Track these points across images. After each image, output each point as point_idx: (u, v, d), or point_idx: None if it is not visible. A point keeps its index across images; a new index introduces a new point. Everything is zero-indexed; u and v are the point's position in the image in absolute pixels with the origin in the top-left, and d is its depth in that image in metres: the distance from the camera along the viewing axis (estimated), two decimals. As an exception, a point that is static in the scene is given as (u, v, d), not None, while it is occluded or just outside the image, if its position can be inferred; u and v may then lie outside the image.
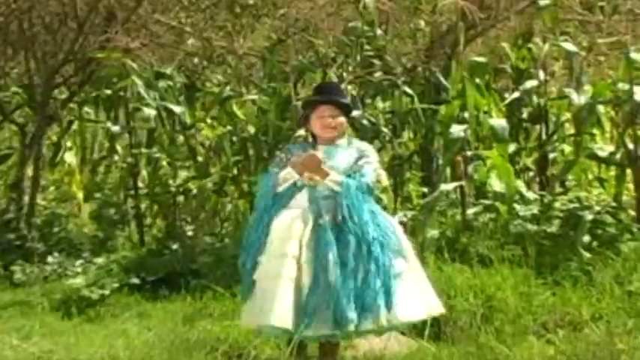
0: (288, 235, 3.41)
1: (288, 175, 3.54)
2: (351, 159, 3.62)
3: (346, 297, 3.32)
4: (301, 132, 5.17)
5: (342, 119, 3.67)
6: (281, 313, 3.27)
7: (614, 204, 5.55)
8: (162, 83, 7.18)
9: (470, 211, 5.76)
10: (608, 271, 4.66)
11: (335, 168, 3.56)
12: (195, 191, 6.90)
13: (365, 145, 3.76)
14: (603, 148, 5.86)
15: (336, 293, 3.31)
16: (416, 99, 6.63)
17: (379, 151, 7.15)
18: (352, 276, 3.38)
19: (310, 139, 3.75)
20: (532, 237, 5.19)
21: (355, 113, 6.32)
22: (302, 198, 3.54)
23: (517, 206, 5.58)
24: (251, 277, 3.47)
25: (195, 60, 7.97)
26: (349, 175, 3.56)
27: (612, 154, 5.71)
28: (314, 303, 3.32)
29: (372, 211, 3.54)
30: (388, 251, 3.48)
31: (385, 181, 5.70)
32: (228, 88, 7.14)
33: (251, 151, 6.78)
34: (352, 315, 3.32)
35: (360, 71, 6.56)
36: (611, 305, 4.30)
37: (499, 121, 5.75)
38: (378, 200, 5.44)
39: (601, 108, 5.98)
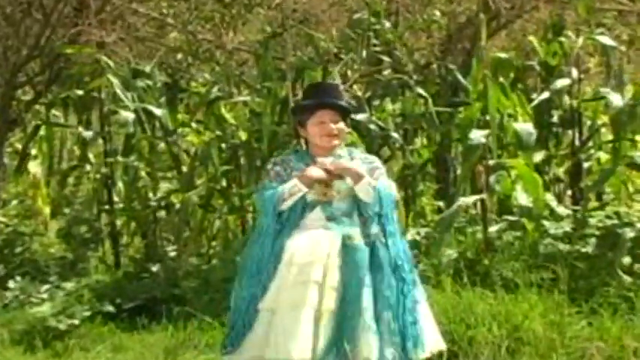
0: (311, 259, 3.41)
1: (294, 189, 3.55)
2: (358, 167, 3.65)
3: (378, 332, 3.35)
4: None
5: (343, 125, 3.70)
6: (303, 346, 3.27)
7: (658, 220, 5.59)
8: (141, 82, 7.20)
9: (492, 229, 5.77)
10: (652, 298, 4.71)
11: (338, 184, 3.58)
12: (178, 206, 6.90)
13: (369, 156, 3.81)
14: (645, 155, 6.02)
15: (366, 325, 3.34)
16: (430, 101, 6.67)
17: (388, 159, 7.22)
18: (387, 306, 3.42)
19: (304, 148, 3.77)
20: (564, 258, 5.21)
21: (361, 117, 6.43)
22: (316, 216, 3.56)
23: (546, 223, 5.59)
24: (250, 307, 3.46)
25: (179, 56, 8.02)
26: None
27: (656, 162, 5.84)
28: (339, 334, 3.34)
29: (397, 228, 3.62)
30: (411, 276, 3.54)
31: (395, 193, 5.70)
32: (216, 88, 7.18)
33: (242, 160, 6.80)
34: (384, 351, 3.35)
35: (366, 69, 6.65)
36: (657, 337, 4.35)
37: (525, 126, 5.76)
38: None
39: (643, 110, 6.07)
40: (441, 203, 6.77)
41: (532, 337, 4.29)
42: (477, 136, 5.66)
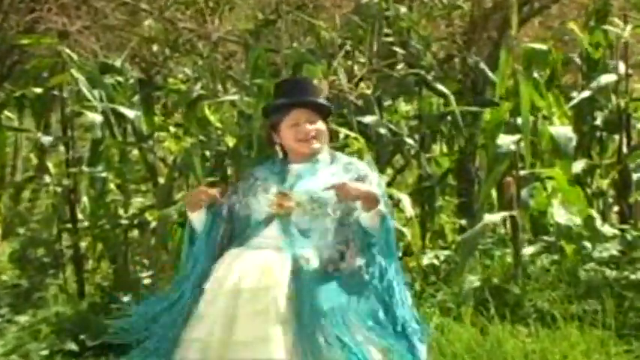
0: (258, 285, 3.43)
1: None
2: (334, 177, 3.68)
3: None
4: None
5: (323, 126, 3.76)
6: None
7: None
8: (110, 79, 7.19)
9: (525, 251, 5.81)
10: None
11: (318, 196, 3.61)
12: (154, 224, 6.89)
13: (356, 161, 3.83)
14: None
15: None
16: (452, 99, 6.67)
17: (402, 169, 7.28)
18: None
19: (280, 156, 3.83)
20: (610, 286, 5.23)
21: (370, 119, 6.41)
22: (271, 233, 3.59)
23: (588, 245, 5.65)
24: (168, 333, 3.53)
25: (155, 47, 7.95)
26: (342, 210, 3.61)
27: None
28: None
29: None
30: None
31: (409, 210, 5.76)
32: (198, 85, 7.21)
33: (230, 170, 6.84)
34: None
35: (376, 63, 6.64)
36: None
37: (563, 130, 5.79)
38: (401, 237, 5.61)
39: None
40: (463, 221, 6.80)
41: (573, 380, 4.35)
42: (506, 141, 5.70)
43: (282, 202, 3.60)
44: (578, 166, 6.20)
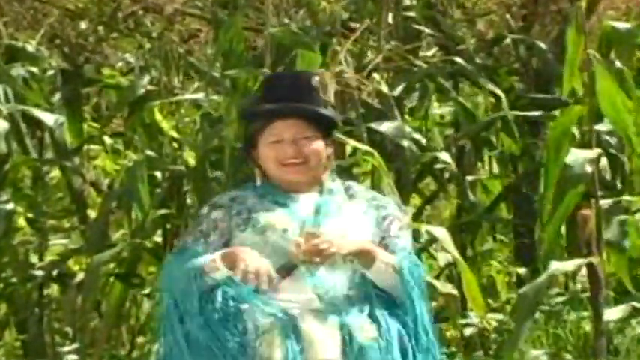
0: None
1: (211, 264, 3.64)
2: (366, 217, 3.75)
3: None
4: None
5: (319, 145, 3.76)
6: None
7: None
8: (20, 69, 7.21)
9: (609, 315, 5.75)
10: None
11: (348, 233, 3.68)
12: (81, 276, 6.83)
13: (378, 195, 3.91)
14: None
15: None
16: (503, 99, 6.65)
17: (433, 198, 7.31)
18: None
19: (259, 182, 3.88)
20: None
21: (387, 127, 6.39)
22: (296, 291, 3.63)
23: None
24: None
25: (83, 25, 7.92)
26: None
27: None
28: None
29: None
30: None
31: (452, 249, 5.75)
32: (145, 78, 7.19)
33: (189, 199, 6.86)
34: None
35: (395, 47, 6.62)
36: None
37: (663, 142, 5.77)
38: (433, 293, 5.60)
39: None
40: (521, 270, 6.81)
41: None
42: (580, 158, 5.70)
43: (312, 245, 3.58)
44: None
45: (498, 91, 6.64)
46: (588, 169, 5.65)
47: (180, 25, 7.43)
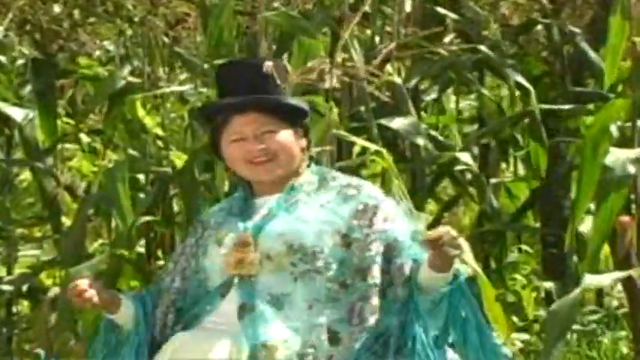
0: None
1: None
2: (327, 211, 3.76)
3: None
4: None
5: (286, 136, 3.81)
6: None
7: None
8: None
9: (652, 336, 5.83)
10: None
11: (301, 243, 3.71)
12: (53, 291, 6.79)
13: (362, 183, 3.90)
14: None
15: None
16: (531, 91, 6.65)
17: (451, 204, 7.42)
18: None
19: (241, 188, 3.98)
20: None
21: (400, 123, 6.42)
22: (227, 307, 3.71)
23: None
24: None
25: (56, 9, 7.89)
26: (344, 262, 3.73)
27: None
28: None
29: None
30: None
31: (472, 262, 5.66)
32: (126, 69, 7.26)
33: (176, 205, 6.97)
34: None
35: (411, 33, 6.61)
36: None
37: None
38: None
39: None
40: (550, 284, 6.79)
41: None
42: (620, 159, 5.59)
43: (242, 255, 3.67)
44: None
45: (526, 84, 6.63)
46: (631, 170, 5.55)
47: (166, 8, 7.41)
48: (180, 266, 3.87)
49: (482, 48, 6.77)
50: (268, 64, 3.92)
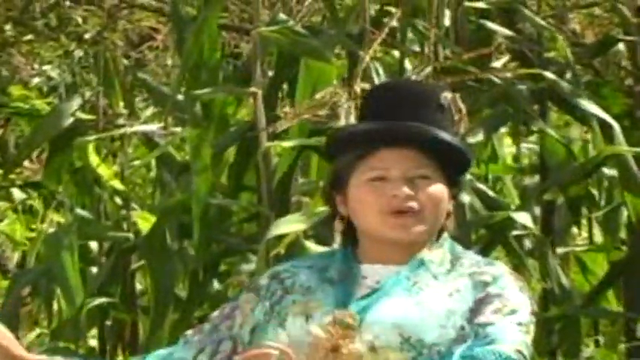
0: None
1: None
2: (455, 302, 3.57)
3: None
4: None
5: (441, 189, 3.60)
6: None
7: None
8: None
9: None
10: None
11: (419, 338, 3.52)
12: None
13: (488, 263, 3.69)
14: None
15: None
16: (616, 129, 6.72)
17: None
18: None
19: (338, 244, 3.83)
20: None
21: None
22: None
23: None
24: None
25: None
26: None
27: None
28: None
29: None
30: None
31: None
32: (75, 101, 7.23)
33: (139, 284, 7.23)
34: None
35: (452, 54, 6.76)
36: None
37: None
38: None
39: None
40: None
41: None
42: None
43: (339, 342, 3.56)
44: None
45: (608, 119, 6.63)
46: None
47: (127, 22, 7.48)
48: (233, 331, 3.71)
49: (547, 74, 6.88)
50: (447, 95, 3.73)
